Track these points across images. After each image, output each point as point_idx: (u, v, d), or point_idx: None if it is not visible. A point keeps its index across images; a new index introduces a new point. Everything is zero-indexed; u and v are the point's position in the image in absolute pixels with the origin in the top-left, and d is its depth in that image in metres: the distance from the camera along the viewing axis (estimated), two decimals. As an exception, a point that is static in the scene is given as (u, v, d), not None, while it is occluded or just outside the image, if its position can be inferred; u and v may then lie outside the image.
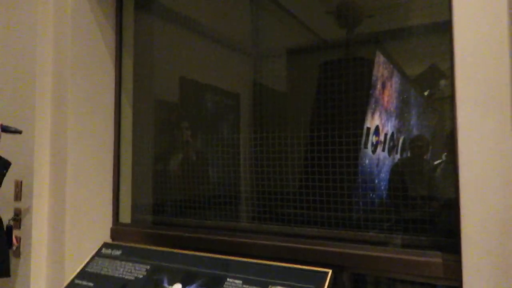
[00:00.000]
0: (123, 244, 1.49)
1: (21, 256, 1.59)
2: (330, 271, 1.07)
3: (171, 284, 1.21)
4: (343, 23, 1.87)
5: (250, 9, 2.19)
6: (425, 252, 1.11)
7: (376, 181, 1.61)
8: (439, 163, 1.48)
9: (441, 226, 1.19)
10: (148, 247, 1.44)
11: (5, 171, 1.45)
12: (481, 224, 0.87)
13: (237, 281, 1.14)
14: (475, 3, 0.93)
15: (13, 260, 1.60)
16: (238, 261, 1.22)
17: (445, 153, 1.34)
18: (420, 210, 1.40)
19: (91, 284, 1.33)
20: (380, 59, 1.77)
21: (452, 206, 0.98)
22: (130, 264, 1.35)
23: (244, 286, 1.12)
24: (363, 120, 1.66)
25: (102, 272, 1.36)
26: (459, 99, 0.92)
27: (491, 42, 0.89)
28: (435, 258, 1.07)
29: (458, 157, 0.91)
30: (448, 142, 1.01)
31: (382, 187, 1.57)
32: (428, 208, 1.44)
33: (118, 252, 1.42)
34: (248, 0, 2.18)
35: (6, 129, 1.47)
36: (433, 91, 1.64)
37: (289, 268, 1.13)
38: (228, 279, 1.15)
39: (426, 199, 1.45)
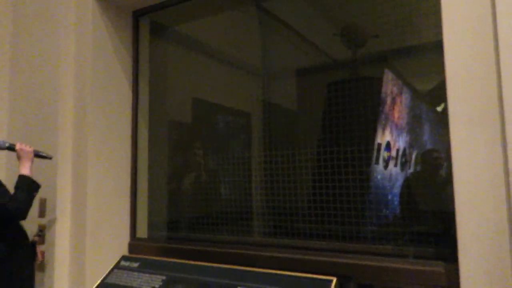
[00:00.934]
0: (141, 256, 1.56)
1: (45, 270, 1.67)
2: (335, 279, 1.13)
3: (186, 293, 1.28)
4: (349, 44, 1.94)
5: (259, 31, 2.27)
6: (429, 262, 1.16)
7: (384, 195, 1.64)
8: (442, 177, 1.53)
9: (444, 237, 1.24)
10: (164, 259, 1.51)
11: (35, 193, 1.54)
12: (475, 235, 0.93)
13: (247, 290, 1.20)
14: (463, 24, 0.99)
15: (37, 274, 1.68)
16: (248, 271, 1.28)
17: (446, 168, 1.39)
18: (426, 223, 1.45)
19: (111, 294, 1.40)
20: (388, 76, 1.82)
21: (453, 219, 1.03)
22: (147, 275, 1.42)
23: (254, 294, 1.18)
24: (373, 136, 1.70)
25: (121, 283, 1.43)
26: (452, 116, 0.99)
27: (479, 62, 0.96)
28: (438, 268, 1.12)
29: (453, 172, 0.97)
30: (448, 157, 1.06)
31: (389, 202, 1.60)
32: (433, 221, 1.49)
33: (136, 264, 1.50)
34: (258, 22, 2.26)
35: (37, 154, 1.58)
36: (446, 106, 1.68)
37: (296, 277, 1.18)
38: (239, 288, 1.22)
39: (431, 212, 1.50)
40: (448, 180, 1.03)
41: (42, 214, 1.71)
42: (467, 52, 0.98)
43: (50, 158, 1.59)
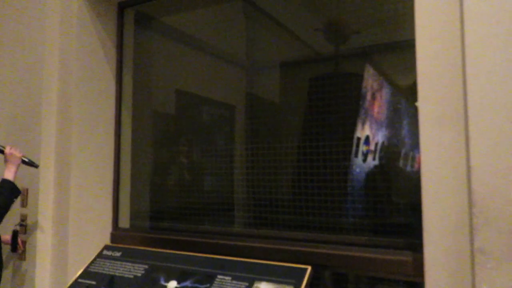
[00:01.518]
0: (123, 246, 1.59)
1: (26, 259, 1.69)
2: (309, 267, 1.18)
3: (167, 281, 1.32)
4: (331, 39, 1.98)
5: (244, 23, 2.29)
6: (398, 251, 1.22)
7: (361, 188, 1.70)
8: (414, 171, 1.59)
9: (414, 228, 1.31)
10: (147, 248, 1.54)
11: (14, 199, 1.56)
12: (439, 226, 0.99)
13: (226, 278, 1.25)
14: (435, 26, 1.05)
15: (19, 263, 1.70)
16: (228, 260, 1.33)
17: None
18: (397, 215, 1.52)
19: (93, 282, 1.43)
20: (369, 71, 1.87)
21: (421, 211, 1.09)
22: (130, 264, 1.46)
23: (233, 281, 1.23)
24: (353, 131, 1.76)
25: (104, 272, 1.47)
26: (421, 115, 1.04)
27: (447, 65, 1.02)
28: (406, 257, 1.18)
29: (421, 167, 1.03)
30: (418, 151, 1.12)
31: (365, 194, 1.67)
32: (404, 212, 1.56)
33: (118, 254, 1.53)
34: (243, 14, 2.28)
35: (24, 161, 1.60)
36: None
37: (273, 265, 1.24)
38: (218, 276, 1.26)
39: (402, 204, 1.57)
40: (417, 175, 1.09)
41: (24, 203, 1.72)
42: (437, 54, 1.04)
43: (37, 167, 1.62)
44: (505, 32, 0.92)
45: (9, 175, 1.54)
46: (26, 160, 1.61)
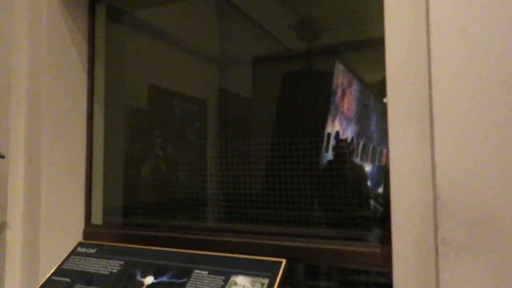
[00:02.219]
0: (98, 242, 1.58)
1: (-5, 257, 1.65)
2: (284, 261, 1.22)
3: (144, 277, 1.33)
4: (303, 36, 2.02)
5: (217, 19, 2.29)
6: (367, 244, 1.28)
7: (331, 183, 1.76)
8: (382, 165, 1.66)
9: (384, 221, 1.37)
10: (122, 244, 1.54)
11: None
12: (406, 219, 1.05)
13: (203, 272, 1.27)
14: (403, 26, 1.10)
15: (-13, 261, 1.66)
16: (205, 255, 1.35)
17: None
18: (368, 208, 1.59)
19: (68, 279, 1.42)
20: (339, 68, 1.93)
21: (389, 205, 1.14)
22: (105, 260, 1.45)
23: (210, 275, 1.25)
24: (324, 126, 1.80)
25: (78, 269, 1.45)
26: (390, 111, 1.10)
27: (414, 63, 1.07)
28: (375, 249, 1.24)
29: (390, 161, 1.09)
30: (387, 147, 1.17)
31: (335, 189, 1.72)
32: (374, 206, 1.63)
33: (93, 250, 1.52)
34: (215, 9, 2.28)
35: None
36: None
37: (250, 259, 1.27)
38: (195, 271, 1.28)
39: (372, 198, 1.64)
40: (385, 169, 1.14)
41: (-8, 200, 1.68)
42: (405, 54, 1.09)
43: (3, 157, 1.57)
44: (469, 35, 0.98)
45: None
46: None
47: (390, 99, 1.10)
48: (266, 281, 1.18)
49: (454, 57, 0.99)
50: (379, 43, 1.42)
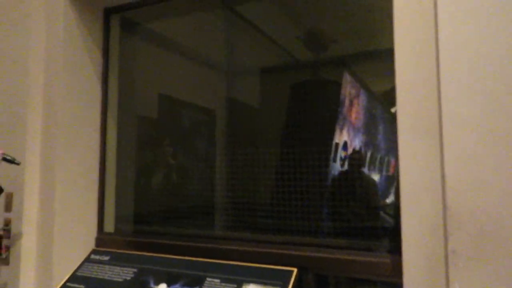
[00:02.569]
0: (111, 250, 1.61)
1: (10, 263, 1.68)
2: (295, 269, 1.24)
3: (157, 284, 1.35)
4: (311, 47, 2.05)
5: (225, 29, 2.33)
6: (377, 254, 1.30)
7: (340, 193, 1.77)
8: (390, 176, 1.68)
9: (391, 231, 1.39)
10: (135, 252, 1.57)
11: None
12: (416, 229, 1.07)
13: (215, 280, 1.29)
14: (412, 39, 1.12)
15: (2, 268, 1.69)
16: (216, 263, 1.38)
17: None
18: (377, 218, 1.60)
19: (82, 286, 1.45)
20: (347, 78, 1.95)
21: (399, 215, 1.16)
22: (118, 267, 1.48)
23: (222, 284, 1.27)
24: (332, 136, 1.82)
25: (92, 276, 1.48)
26: (400, 123, 1.12)
27: (422, 75, 1.10)
28: (385, 259, 1.26)
29: (399, 172, 1.11)
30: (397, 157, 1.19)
31: (344, 198, 1.74)
32: (384, 216, 1.64)
33: (106, 258, 1.55)
34: (224, 20, 2.32)
35: (5, 158, 1.58)
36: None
37: (261, 268, 1.29)
38: (207, 279, 1.31)
39: (381, 208, 1.65)
40: (396, 180, 1.16)
41: (8, 208, 1.71)
42: (414, 66, 1.12)
43: (18, 164, 1.61)
44: (478, 48, 1.00)
45: None
46: (7, 157, 1.60)
47: (400, 112, 1.12)
48: (277, 289, 1.20)
49: (463, 70, 1.01)
50: (387, 54, 1.44)
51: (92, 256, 1.58)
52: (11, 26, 1.77)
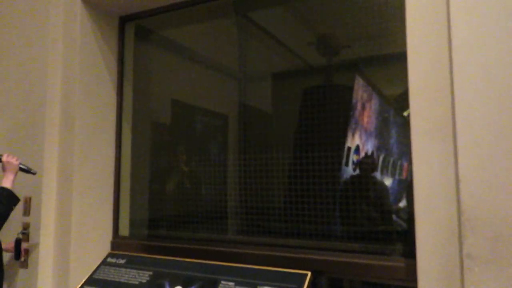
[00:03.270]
0: (127, 253, 1.63)
1: (28, 267, 1.72)
2: (309, 273, 1.25)
3: (173, 286, 1.37)
4: (323, 52, 2.05)
5: (238, 36, 2.36)
6: (391, 257, 1.30)
7: (353, 197, 1.77)
8: (403, 179, 1.67)
9: (405, 236, 1.38)
10: (150, 255, 1.59)
11: (13, 207, 1.58)
12: (430, 233, 1.06)
13: (230, 283, 1.31)
14: (425, 42, 1.12)
15: (21, 271, 1.73)
16: (231, 266, 1.39)
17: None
18: (390, 222, 1.59)
19: (99, 289, 1.47)
20: (359, 82, 1.95)
21: (413, 219, 1.16)
22: (134, 271, 1.50)
23: (236, 287, 1.29)
24: (344, 140, 1.83)
25: (109, 279, 1.51)
26: (413, 127, 1.12)
27: (437, 79, 1.10)
28: (399, 263, 1.26)
29: (413, 177, 1.11)
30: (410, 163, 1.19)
31: (358, 202, 1.73)
32: (397, 220, 1.63)
33: (122, 261, 1.57)
34: (236, 27, 2.34)
35: (22, 168, 1.63)
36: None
37: (275, 271, 1.30)
38: (222, 282, 1.32)
39: (395, 212, 1.64)
40: (409, 184, 1.16)
41: (27, 212, 1.75)
42: (427, 69, 1.12)
43: (35, 174, 1.65)
44: (491, 52, 1.00)
45: (7, 183, 1.57)
46: (24, 167, 1.63)
47: (413, 115, 1.13)
48: (291, 293, 1.20)
49: (476, 74, 1.01)
50: (399, 58, 1.45)
51: (109, 259, 1.61)
52: (31, 36, 1.82)
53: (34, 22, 1.81)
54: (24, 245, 1.72)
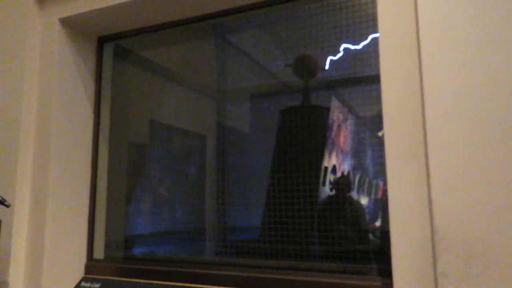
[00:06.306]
0: (102, 277, 1.59)
1: (-3, 292, 1.65)
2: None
3: (149, 311, 1.34)
4: (300, 74, 2.11)
5: (216, 57, 2.39)
6: (368, 277, 1.31)
7: (330, 216, 1.80)
8: (380, 199, 1.71)
9: (383, 255, 1.40)
10: (125, 279, 1.55)
11: None
12: (406, 252, 1.09)
13: (208, 306, 1.29)
14: (397, 63, 1.17)
15: (-12, 297, 1.65)
16: (209, 289, 1.38)
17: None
18: (367, 242, 1.62)
19: (72, 315, 1.42)
20: (335, 104, 2.00)
21: (389, 238, 1.18)
22: (109, 295, 1.46)
23: (214, 309, 1.27)
24: (321, 160, 1.86)
25: (83, 304, 1.46)
26: (387, 149, 1.15)
27: (408, 102, 1.14)
28: (376, 282, 1.27)
29: (388, 196, 1.14)
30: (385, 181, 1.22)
31: (336, 222, 1.76)
32: (374, 240, 1.66)
33: (97, 285, 1.53)
34: (215, 48, 2.38)
35: None
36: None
37: (253, 293, 1.29)
38: (200, 305, 1.30)
39: (371, 231, 1.67)
40: (385, 203, 1.19)
41: (-4, 235, 1.69)
42: (399, 91, 1.16)
43: (8, 206, 1.59)
44: (461, 74, 1.05)
45: None
46: None
47: (387, 136, 1.16)
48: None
49: (446, 97, 1.06)
50: (374, 80, 1.49)
51: (83, 284, 1.56)
52: (7, 56, 1.79)
53: (11, 40, 1.78)
54: (-8, 270, 1.66)
